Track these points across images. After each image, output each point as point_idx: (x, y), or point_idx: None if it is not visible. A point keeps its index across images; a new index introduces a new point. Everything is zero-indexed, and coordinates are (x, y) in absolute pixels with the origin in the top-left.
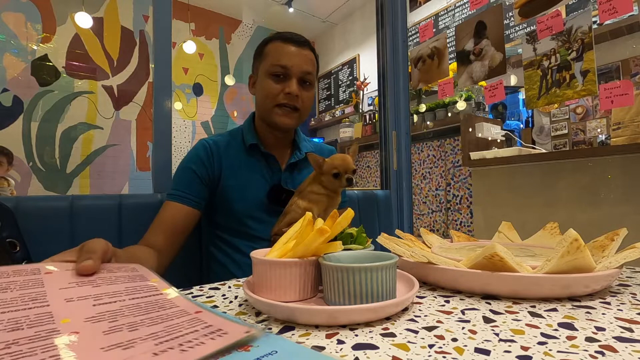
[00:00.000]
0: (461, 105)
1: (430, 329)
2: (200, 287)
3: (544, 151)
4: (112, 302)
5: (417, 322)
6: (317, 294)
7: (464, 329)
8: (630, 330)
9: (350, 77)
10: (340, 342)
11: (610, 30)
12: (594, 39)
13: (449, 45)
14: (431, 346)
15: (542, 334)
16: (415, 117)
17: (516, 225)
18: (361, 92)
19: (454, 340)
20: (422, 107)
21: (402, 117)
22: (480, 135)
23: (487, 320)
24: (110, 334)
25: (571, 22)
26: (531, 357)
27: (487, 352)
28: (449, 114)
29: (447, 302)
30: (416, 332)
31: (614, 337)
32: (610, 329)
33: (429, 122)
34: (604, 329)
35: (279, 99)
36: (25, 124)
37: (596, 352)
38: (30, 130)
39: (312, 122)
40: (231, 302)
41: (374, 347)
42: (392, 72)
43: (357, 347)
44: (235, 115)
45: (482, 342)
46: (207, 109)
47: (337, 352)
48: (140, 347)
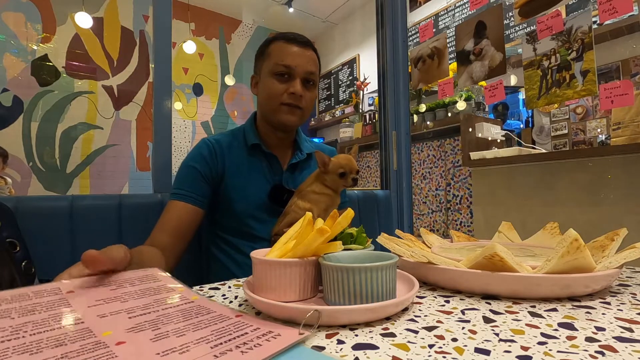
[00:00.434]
0: (461, 105)
1: (430, 329)
2: (200, 287)
3: (544, 151)
4: (147, 313)
5: (417, 322)
6: (317, 294)
7: (464, 329)
8: (630, 330)
9: (350, 77)
10: (340, 342)
11: (610, 30)
12: (594, 39)
13: (449, 45)
14: (431, 346)
15: (542, 334)
16: (415, 117)
17: (516, 225)
18: (361, 92)
19: (454, 340)
20: (422, 107)
21: (402, 117)
22: (480, 135)
23: (487, 320)
24: (157, 340)
25: (571, 22)
26: (531, 357)
27: (487, 352)
28: (449, 114)
29: (447, 302)
30: (416, 332)
31: (614, 337)
32: (610, 329)
33: (429, 122)
34: (604, 329)
35: (283, 99)
36: (25, 124)
37: (596, 352)
38: (30, 130)
39: (312, 122)
40: (231, 302)
41: (374, 347)
42: (392, 72)
43: (357, 347)
44: (235, 115)
45: (482, 342)
46: (207, 109)
47: (337, 352)
48: (196, 350)
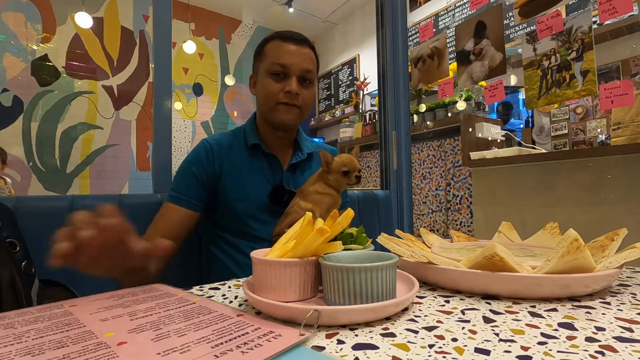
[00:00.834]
0: (461, 105)
1: (430, 329)
2: (200, 287)
3: (544, 151)
4: (149, 315)
5: (417, 322)
6: (317, 294)
7: (464, 329)
8: (630, 330)
9: (350, 77)
10: (340, 342)
11: (610, 30)
12: (594, 39)
13: (449, 45)
14: (431, 346)
15: (542, 334)
16: (415, 117)
17: (516, 225)
18: (361, 92)
19: (454, 340)
20: (422, 107)
21: (402, 117)
22: (480, 135)
23: (487, 320)
24: (159, 340)
25: (571, 22)
26: (531, 357)
27: (487, 352)
28: (449, 114)
29: (447, 302)
30: (416, 332)
31: (614, 337)
32: (610, 329)
33: (429, 122)
34: (604, 329)
35: (280, 98)
36: (25, 124)
37: (596, 352)
38: (30, 130)
39: (312, 122)
40: (231, 302)
41: (374, 347)
42: (392, 72)
43: (357, 347)
44: (235, 115)
45: (482, 342)
46: (207, 109)
47: (337, 352)
48: (197, 350)
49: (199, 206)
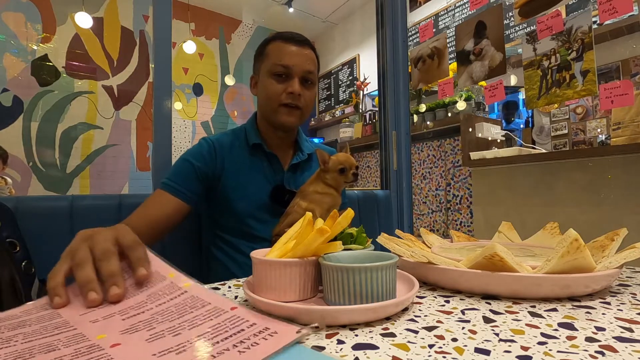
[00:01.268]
0: (461, 105)
1: (430, 329)
2: None
3: (544, 151)
4: (141, 313)
5: (417, 322)
6: (317, 294)
7: (464, 329)
8: (630, 330)
9: (350, 77)
10: (340, 342)
11: (610, 30)
12: (594, 39)
13: (449, 45)
14: (431, 346)
15: (542, 334)
16: (415, 117)
17: (516, 225)
18: (361, 92)
19: (454, 340)
20: (422, 107)
21: (402, 117)
22: (480, 135)
23: (487, 320)
24: (153, 341)
25: (571, 22)
26: (531, 357)
27: (487, 352)
28: (449, 114)
29: (447, 302)
30: (416, 332)
31: (614, 337)
32: (610, 329)
33: (429, 122)
34: (604, 329)
35: (282, 99)
36: (25, 124)
37: (596, 352)
38: (30, 130)
39: (312, 122)
40: None
41: (374, 347)
42: (392, 72)
43: (357, 347)
44: (235, 115)
45: (482, 342)
46: (207, 109)
47: (337, 352)
48: (193, 350)
49: (192, 200)
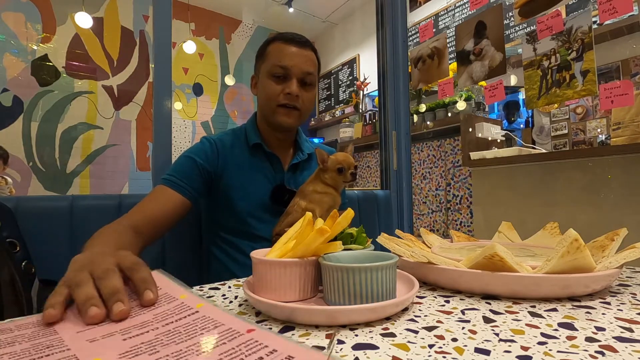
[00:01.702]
0: (461, 105)
1: (430, 329)
2: (200, 287)
3: (544, 151)
4: (145, 333)
5: (417, 322)
6: (317, 294)
7: (464, 329)
8: (630, 330)
9: (350, 77)
10: (340, 342)
11: (610, 30)
12: (594, 39)
13: (449, 45)
14: (431, 346)
15: (542, 334)
16: (415, 117)
17: (516, 225)
18: (361, 92)
19: (454, 340)
20: (422, 107)
21: (402, 117)
22: (480, 135)
23: (487, 320)
24: None
25: (571, 22)
26: (531, 357)
27: (487, 352)
28: (449, 114)
29: (447, 302)
30: (416, 332)
31: (614, 337)
32: (610, 329)
33: (429, 122)
34: (604, 329)
35: (280, 99)
36: (25, 124)
37: (596, 352)
38: (30, 130)
39: (312, 122)
40: (231, 302)
41: (374, 347)
42: (392, 72)
43: (357, 347)
44: (235, 115)
45: (482, 342)
46: (207, 109)
47: (337, 352)
48: None
49: (193, 196)
